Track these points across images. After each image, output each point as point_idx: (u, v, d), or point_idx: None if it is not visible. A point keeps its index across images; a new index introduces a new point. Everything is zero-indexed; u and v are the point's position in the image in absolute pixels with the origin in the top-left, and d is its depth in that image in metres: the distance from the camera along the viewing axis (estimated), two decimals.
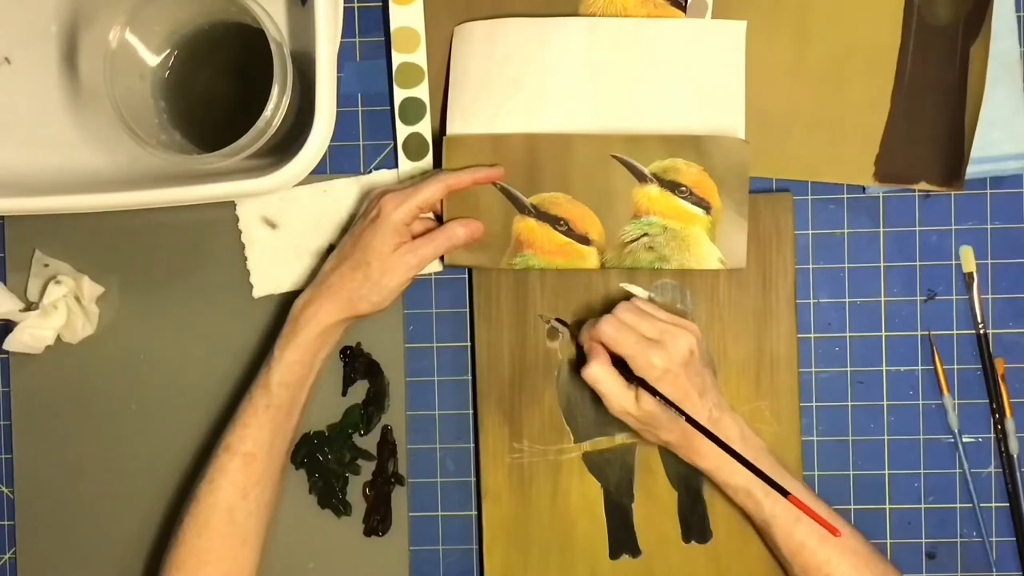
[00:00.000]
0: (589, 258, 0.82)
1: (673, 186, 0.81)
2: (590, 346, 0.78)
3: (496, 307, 0.84)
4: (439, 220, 0.82)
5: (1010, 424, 0.82)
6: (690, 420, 0.74)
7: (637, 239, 0.81)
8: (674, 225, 0.81)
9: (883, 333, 0.84)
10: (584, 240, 0.82)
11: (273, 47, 0.75)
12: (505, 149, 0.81)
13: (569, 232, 0.82)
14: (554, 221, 0.81)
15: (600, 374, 0.76)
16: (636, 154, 0.81)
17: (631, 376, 0.76)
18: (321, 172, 0.84)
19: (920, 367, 0.83)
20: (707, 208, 0.81)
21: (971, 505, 0.83)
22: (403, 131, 0.85)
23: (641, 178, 0.81)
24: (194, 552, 0.77)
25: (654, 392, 0.74)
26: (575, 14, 0.82)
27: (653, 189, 0.81)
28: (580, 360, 0.82)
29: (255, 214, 0.85)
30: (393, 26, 0.84)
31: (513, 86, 0.82)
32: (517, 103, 0.82)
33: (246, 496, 0.77)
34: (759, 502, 0.76)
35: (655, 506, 0.83)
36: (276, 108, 0.77)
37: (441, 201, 0.82)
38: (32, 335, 0.84)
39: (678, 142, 0.80)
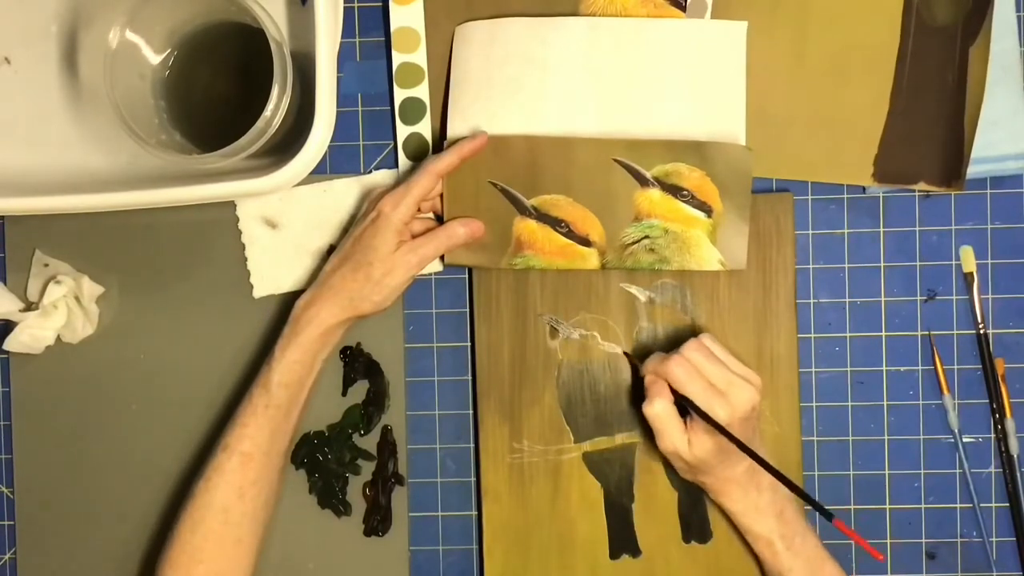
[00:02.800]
0: (590, 259, 0.82)
1: (675, 190, 0.81)
2: (653, 380, 0.77)
3: (496, 307, 0.84)
4: (439, 220, 0.83)
5: (1010, 424, 0.82)
6: (754, 456, 0.73)
7: (638, 241, 0.81)
8: (675, 228, 0.81)
9: (883, 333, 0.84)
10: (585, 242, 0.82)
11: (273, 47, 0.75)
12: (506, 150, 0.81)
13: (570, 234, 0.82)
14: (555, 223, 0.81)
15: (663, 413, 0.75)
16: (638, 158, 0.80)
17: (685, 413, 0.76)
18: (321, 172, 0.85)
19: (920, 367, 0.83)
20: (708, 212, 0.81)
21: (971, 505, 0.83)
22: (403, 131, 0.85)
23: (643, 182, 0.81)
24: (187, 550, 0.77)
25: (725, 433, 0.74)
26: (575, 13, 0.82)
27: (655, 193, 0.81)
28: (637, 391, 0.82)
29: (255, 214, 0.85)
30: (393, 26, 0.84)
31: (513, 86, 0.82)
32: (517, 103, 0.82)
33: (242, 496, 0.77)
34: (777, 553, 0.77)
35: (655, 506, 0.83)
36: (276, 108, 0.77)
37: (442, 201, 0.82)
38: (32, 335, 0.84)
39: (681, 147, 0.80)
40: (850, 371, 0.84)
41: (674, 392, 0.76)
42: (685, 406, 0.75)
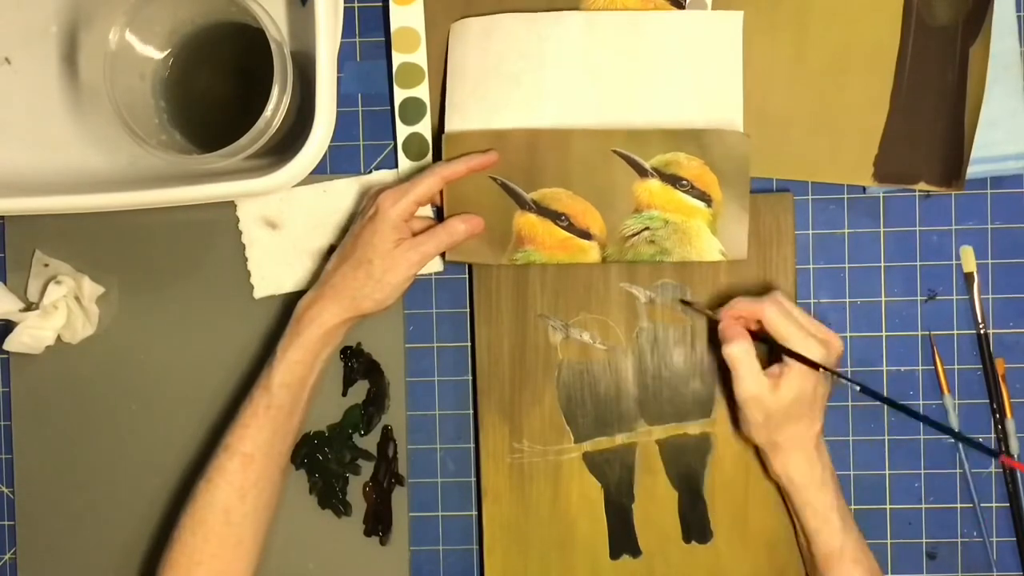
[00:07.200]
0: (590, 252, 0.82)
1: (674, 180, 0.81)
2: (729, 324, 0.77)
3: (496, 307, 0.84)
4: (439, 217, 0.83)
5: (1010, 424, 0.82)
6: (846, 378, 0.75)
7: (638, 233, 0.81)
8: (675, 218, 0.81)
9: (883, 333, 0.84)
10: (585, 235, 0.82)
11: (273, 47, 0.75)
12: (505, 145, 0.81)
13: (570, 227, 0.82)
14: (555, 216, 0.81)
15: (743, 355, 0.75)
16: (637, 149, 0.80)
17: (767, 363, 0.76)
18: (321, 172, 0.84)
19: (920, 367, 0.83)
20: (708, 201, 0.81)
21: (971, 505, 0.83)
22: (403, 131, 0.85)
23: (642, 172, 0.81)
24: (187, 551, 0.77)
25: (824, 367, 0.74)
26: (576, 9, 0.82)
27: (654, 183, 0.81)
28: (712, 338, 0.81)
29: (255, 214, 0.85)
30: (393, 26, 0.84)
31: (511, 81, 0.82)
32: (515, 98, 0.82)
33: (243, 497, 0.77)
34: (835, 530, 0.76)
35: (655, 506, 0.83)
36: (276, 108, 0.77)
37: (442, 197, 0.82)
38: (32, 335, 0.84)
39: (679, 136, 0.80)
40: (850, 371, 0.84)
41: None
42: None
